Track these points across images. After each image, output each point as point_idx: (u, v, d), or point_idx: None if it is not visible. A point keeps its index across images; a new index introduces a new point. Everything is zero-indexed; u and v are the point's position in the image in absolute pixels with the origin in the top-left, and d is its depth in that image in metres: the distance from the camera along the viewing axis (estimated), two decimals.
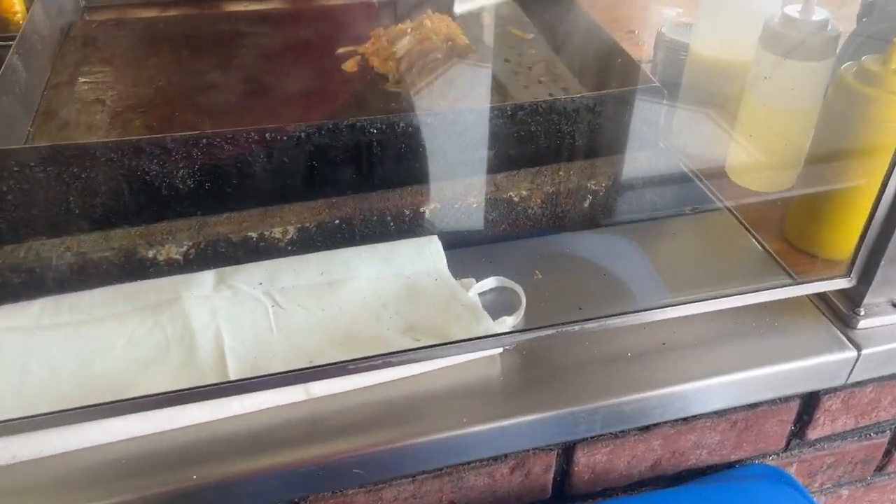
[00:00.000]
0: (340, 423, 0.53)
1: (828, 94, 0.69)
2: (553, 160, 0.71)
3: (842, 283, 0.62)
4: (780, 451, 0.70)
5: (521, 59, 0.89)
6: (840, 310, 0.63)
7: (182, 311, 0.58)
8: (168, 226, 0.64)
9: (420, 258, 0.65)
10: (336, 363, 0.53)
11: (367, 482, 0.56)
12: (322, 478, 0.53)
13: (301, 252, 0.65)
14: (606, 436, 0.61)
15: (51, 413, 0.49)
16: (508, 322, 0.60)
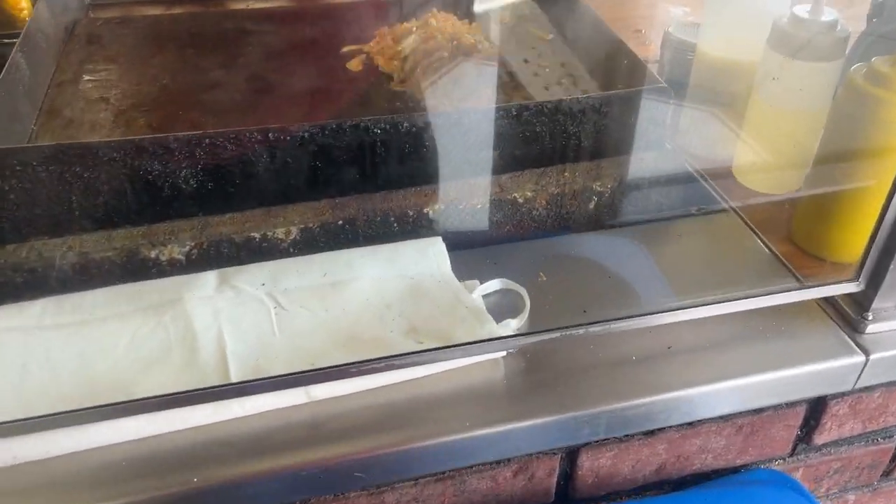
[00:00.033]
0: (342, 426, 0.53)
1: (837, 96, 0.68)
2: (558, 161, 0.71)
3: (850, 288, 0.62)
4: (787, 456, 0.69)
5: (541, 60, 0.88)
6: (848, 314, 0.63)
7: (184, 312, 0.58)
8: (170, 226, 0.63)
9: (424, 259, 0.64)
10: (338, 366, 0.53)
11: (369, 485, 0.55)
12: (323, 481, 0.53)
13: (304, 253, 0.65)
14: (611, 440, 0.60)
15: (51, 414, 0.49)
16: (512, 325, 0.60)
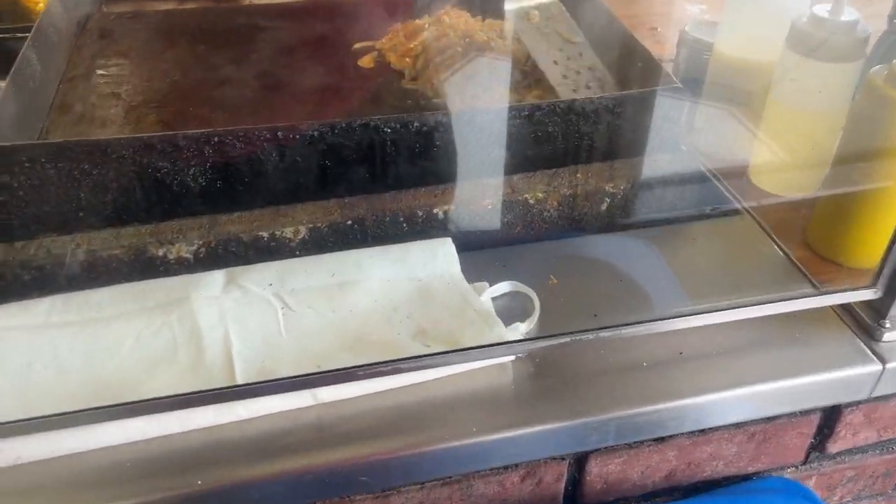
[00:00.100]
0: (348, 430, 0.53)
1: (856, 97, 0.67)
2: (571, 162, 0.70)
3: (867, 295, 0.60)
4: (799, 464, 0.68)
5: (560, 56, 0.87)
6: (865, 321, 0.61)
7: (191, 312, 0.58)
8: (178, 224, 0.63)
9: (433, 260, 0.64)
10: (345, 369, 0.52)
11: (375, 489, 0.55)
12: (329, 484, 0.52)
13: (312, 252, 0.64)
14: (620, 446, 0.59)
15: (56, 415, 0.48)
16: (521, 328, 0.59)
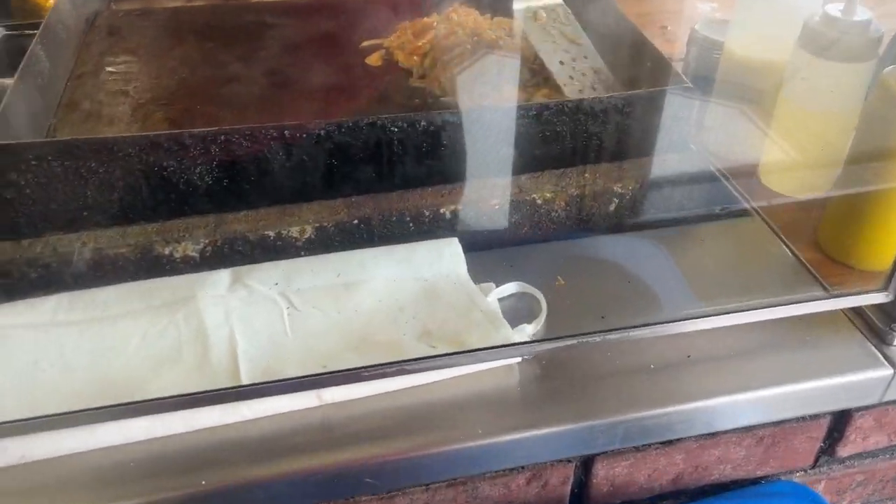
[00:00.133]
0: (353, 431, 0.52)
1: (869, 98, 0.66)
2: (579, 162, 0.69)
3: (878, 298, 0.60)
4: (808, 468, 0.67)
5: (566, 56, 0.87)
6: (876, 325, 0.61)
7: (197, 311, 0.57)
8: (185, 223, 0.63)
9: (439, 261, 0.63)
10: (350, 370, 0.52)
11: (380, 490, 0.55)
12: (333, 485, 0.52)
13: (318, 252, 0.64)
14: (627, 449, 0.59)
15: (60, 414, 0.48)
16: (528, 330, 0.58)
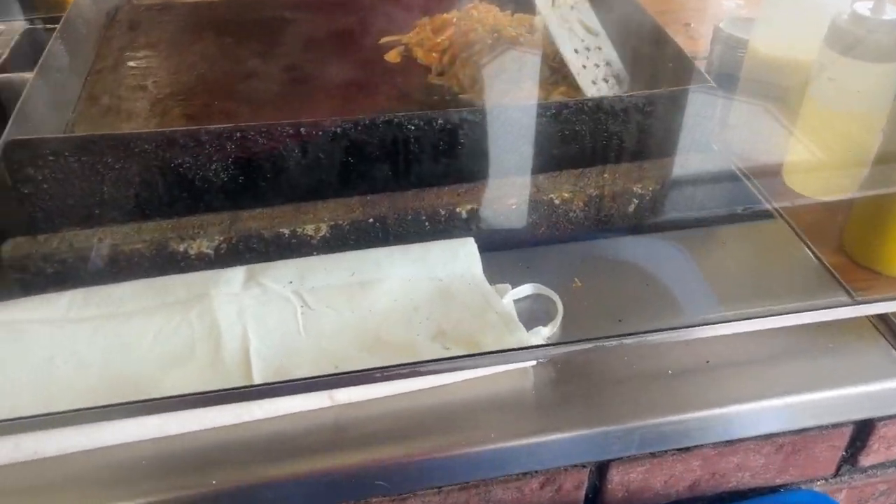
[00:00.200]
0: (365, 432, 0.52)
1: None
2: (598, 161, 0.68)
3: None
4: (830, 477, 0.66)
5: (588, 53, 0.85)
6: None
7: (210, 309, 0.57)
8: (200, 219, 0.62)
9: (454, 260, 0.62)
10: (363, 371, 0.52)
11: (391, 492, 0.54)
12: (345, 487, 0.51)
13: (333, 250, 0.63)
14: (643, 455, 0.58)
15: (73, 410, 0.48)
16: (543, 333, 0.58)
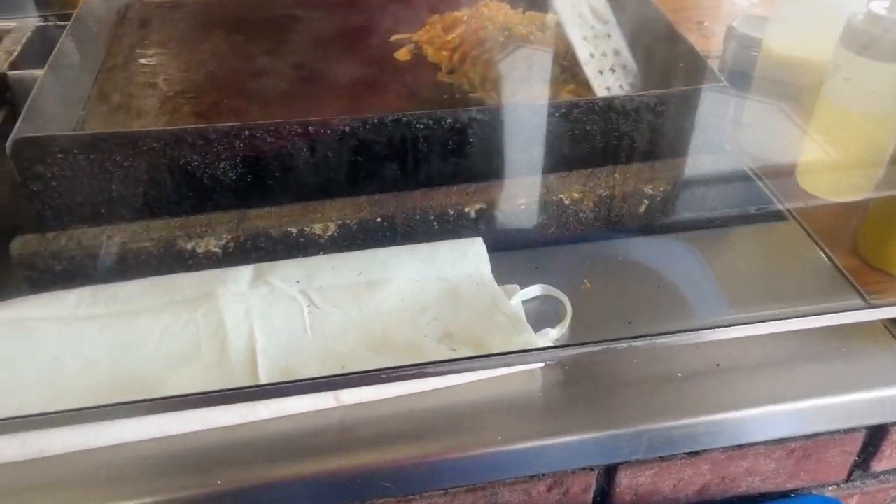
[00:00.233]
0: (371, 434, 0.51)
1: None
2: (609, 162, 0.68)
3: None
4: (842, 482, 0.65)
5: (597, 50, 0.84)
6: None
7: (217, 308, 0.57)
8: (207, 218, 0.62)
9: (463, 261, 0.62)
10: (369, 371, 0.51)
11: (397, 494, 0.54)
12: (349, 488, 0.51)
13: (341, 249, 0.63)
14: (652, 458, 0.57)
15: (79, 409, 0.48)
16: (552, 334, 0.57)
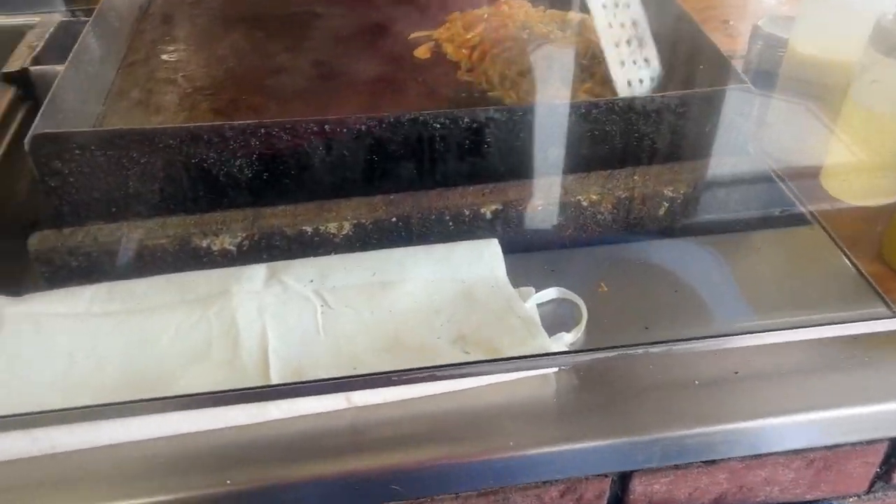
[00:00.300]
0: (382, 436, 0.51)
1: None
2: (628, 163, 0.67)
3: None
4: (863, 494, 0.63)
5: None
6: None
7: (230, 306, 0.57)
8: (223, 216, 0.62)
9: (478, 262, 0.61)
10: (381, 373, 0.51)
11: (407, 497, 0.53)
12: (360, 491, 0.51)
13: (356, 249, 0.63)
14: (667, 466, 0.56)
15: (91, 406, 0.49)
16: (566, 338, 0.56)
